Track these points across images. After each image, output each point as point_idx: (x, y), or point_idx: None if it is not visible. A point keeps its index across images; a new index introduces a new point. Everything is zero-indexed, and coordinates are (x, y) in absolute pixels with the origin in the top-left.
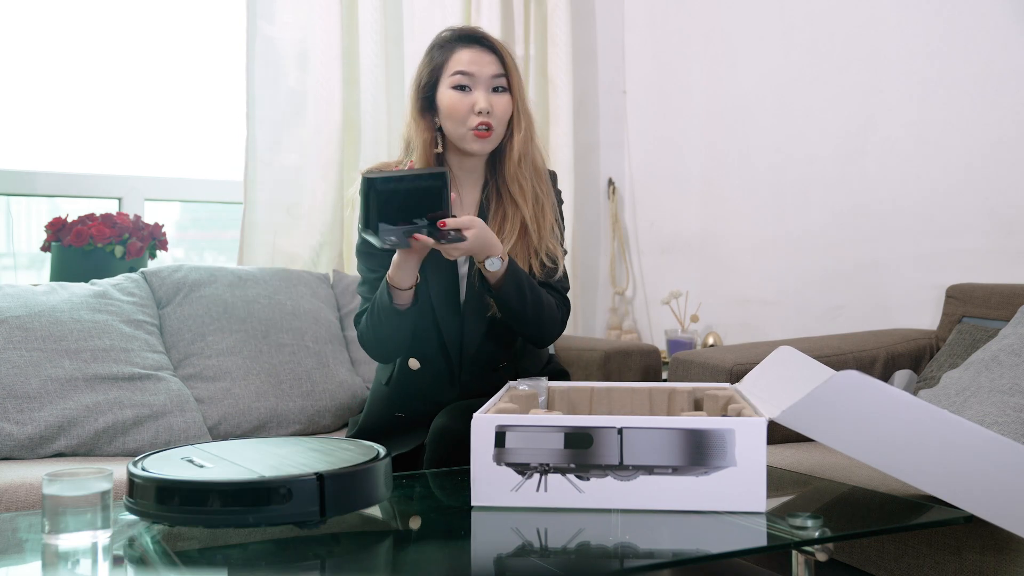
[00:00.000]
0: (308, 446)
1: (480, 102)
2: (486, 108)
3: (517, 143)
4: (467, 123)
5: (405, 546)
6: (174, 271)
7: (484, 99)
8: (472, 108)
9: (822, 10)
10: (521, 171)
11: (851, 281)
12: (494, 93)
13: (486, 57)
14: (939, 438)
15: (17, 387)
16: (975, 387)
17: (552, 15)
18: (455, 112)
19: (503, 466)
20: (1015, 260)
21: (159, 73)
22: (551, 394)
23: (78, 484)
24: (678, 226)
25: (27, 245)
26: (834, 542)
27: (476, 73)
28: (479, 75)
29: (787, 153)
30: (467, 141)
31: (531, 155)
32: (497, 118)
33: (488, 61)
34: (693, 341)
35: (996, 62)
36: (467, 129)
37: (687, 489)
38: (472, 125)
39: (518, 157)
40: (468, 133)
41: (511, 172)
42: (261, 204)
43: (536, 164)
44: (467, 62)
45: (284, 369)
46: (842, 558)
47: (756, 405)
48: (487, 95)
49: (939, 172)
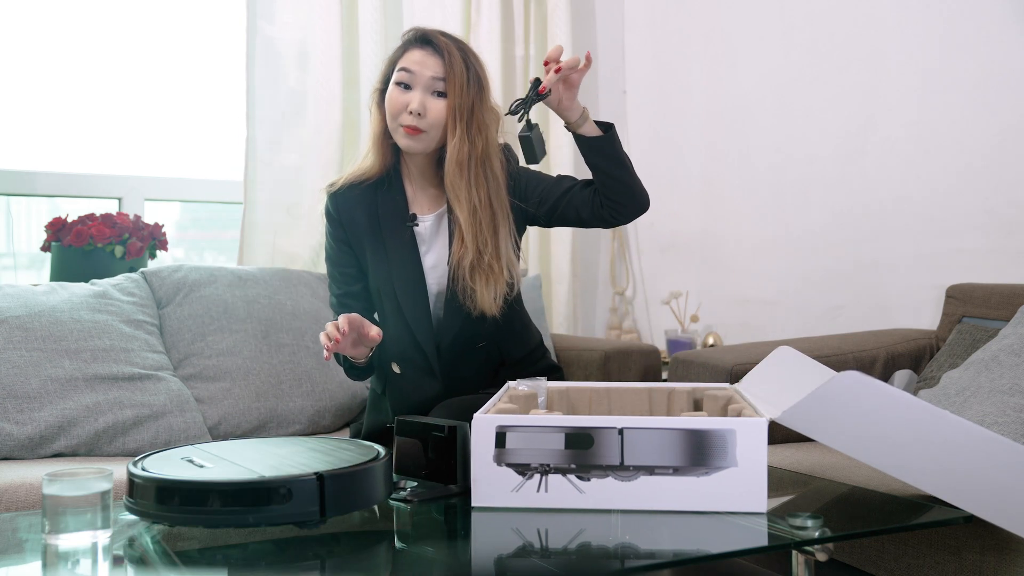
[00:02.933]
0: (308, 446)
1: (413, 102)
2: (417, 109)
3: (450, 150)
4: (398, 119)
5: (405, 546)
6: (174, 271)
7: (418, 100)
8: (406, 106)
9: (822, 10)
10: (456, 179)
11: (851, 281)
12: (432, 96)
13: (431, 59)
14: (939, 438)
15: (17, 387)
16: (975, 387)
17: (552, 15)
18: (391, 107)
19: (503, 466)
20: (1015, 260)
21: (159, 73)
22: (550, 394)
23: (78, 484)
24: (678, 226)
25: (27, 245)
26: (834, 542)
27: (417, 73)
28: (419, 75)
29: (787, 153)
30: (397, 136)
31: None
32: (428, 122)
33: (432, 63)
34: (693, 341)
35: (996, 62)
36: (398, 124)
37: (688, 489)
38: (402, 122)
39: (451, 166)
40: (398, 128)
41: (448, 179)
42: (261, 204)
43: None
44: (412, 62)
45: (284, 369)
46: (842, 558)
47: (756, 405)
48: (423, 96)
49: (939, 172)
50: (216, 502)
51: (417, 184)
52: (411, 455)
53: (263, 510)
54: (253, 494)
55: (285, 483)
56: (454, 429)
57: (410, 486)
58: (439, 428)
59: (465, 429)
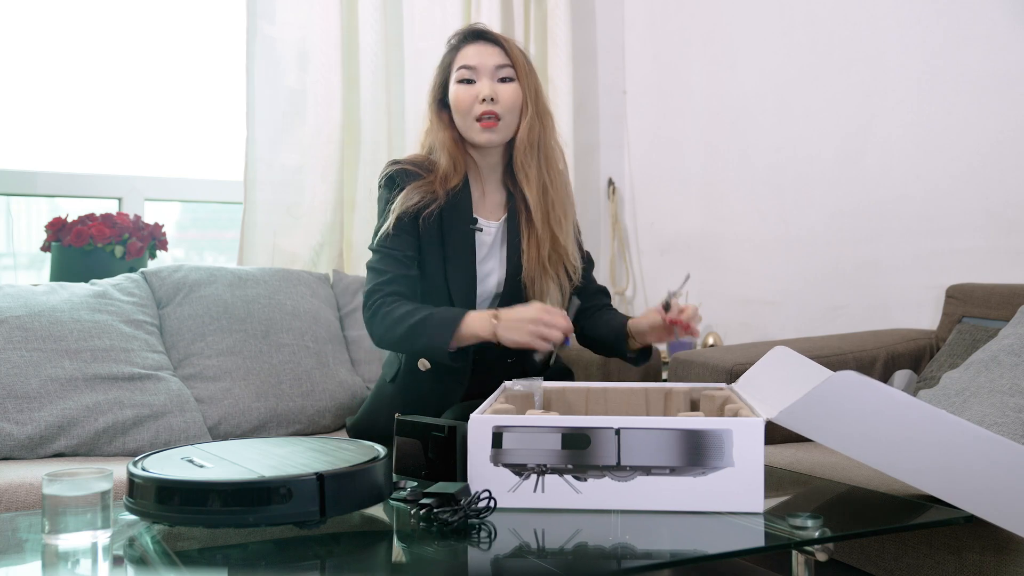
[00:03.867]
0: (308, 446)
1: (484, 90)
2: (489, 95)
3: (523, 130)
4: (472, 113)
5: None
6: (174, 271)
7: (488, 87)
8: (476, 98)
9: (822, 10)
10: (527, 158)
11: (851, 281)
12: (500, 83)
13: (489, 49)
14: (936, 437)
15: (17, 387)
16: (975, 387)
17: (552, 15)
18: (460, 103)
19: (500, 467)
20: (1015, 260)
21: (159, 73)
22: (547, 395)
23: (78, 484)
24: (678, 226)
25: (27, 245)
26: (834, 542)
27: (479, 65)
28: (482, 67)
29: (787, 153)
30: (473, 132)
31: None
32: (503, 106)
33: (491, 53)
34: (693, 341)
35: (996, 62)
36: (472, 119)
37: (684, 489)
38: (476, 114)
39: (523, 145)
40: (474, 124)
41: (518, 160)
42: (261, 204)
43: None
44: (470, 56)
45: (284, 369)
46: (842, 558)
47: (753, 405)
48: (491, 84)
49: (939, 172)
50: (216, 502)
51: (485, 186)
52: (411, 455)
53: (263, 510)
54: (253, 494)
55: (285, 483)
56: (454, 429)
57: (410, 486)
58: (439, 428)
59: (465, 429)
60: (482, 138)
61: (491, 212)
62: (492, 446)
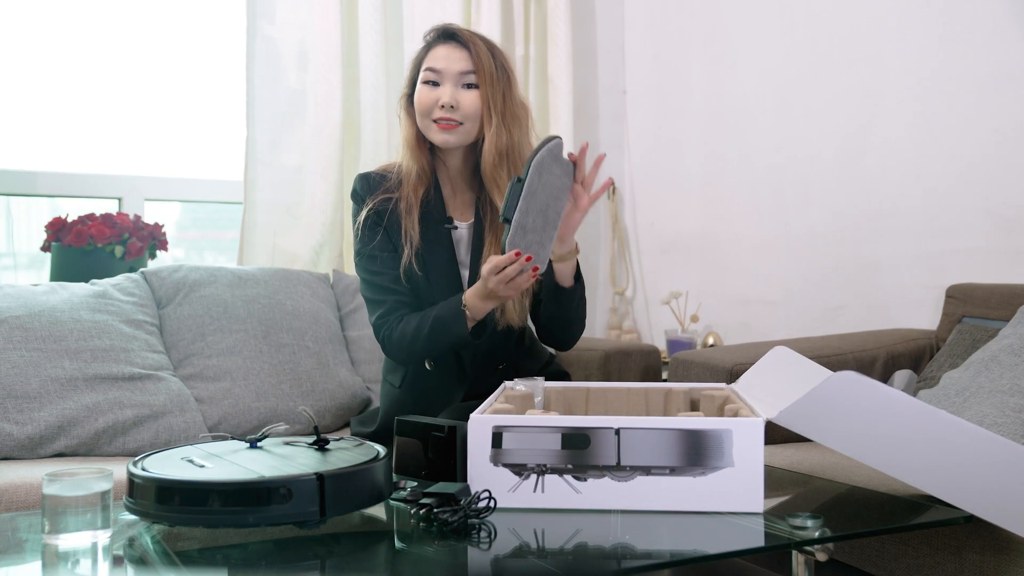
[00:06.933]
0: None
1: (444, 96)
2: (449, 102)
3: (489, 140)
4: (431, 115)
5: (404, 546)
6: (174, 271)
7: (449, 93)
8: (437, 102)
9: (822, 10)
10: (497, 169)
11: (851, 281)
12: (463, 89)
13: (457, 54)
14: (935, 437)
15: (17, 387)
16: (975, 387)
17: (552, 15)
18: (421, 105)
19: (500, 467)
20: (1015, 260)
21: (159, 73)
22: (547, 395)
23: (78, 484)
24: (678, 226)
25: (27, 245)
26: (834, 542)
27: (444, 69)
28: (447, 71)
29: (787, 153)
30: (431, 132)
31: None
32: (463, 114)
33: (458, 57)
34: (693, 341)
35: (996, 62)
36: (430, 120)
37: (684, 490)
38: (434, 117)
39: (491, 156)
40: (431, 124)
41: (487, 170)
42: (261, 204)
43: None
44: (438, 58)
45: (284, 369)
46: (842, 558)
47: (753, 405)
48: (453, 90)
49: (939, 172)
50: (216, 502)
51: (454, 186)
52: (411, 455)
53: (263, 510)
54: (253, 494)
55: (285, 483)
56: (454, 429)
57: (410, 486)
58: (439, 428)
59: (465, 429)
60: (438, 138)
61: (461, 212)
62: (492, 446)
